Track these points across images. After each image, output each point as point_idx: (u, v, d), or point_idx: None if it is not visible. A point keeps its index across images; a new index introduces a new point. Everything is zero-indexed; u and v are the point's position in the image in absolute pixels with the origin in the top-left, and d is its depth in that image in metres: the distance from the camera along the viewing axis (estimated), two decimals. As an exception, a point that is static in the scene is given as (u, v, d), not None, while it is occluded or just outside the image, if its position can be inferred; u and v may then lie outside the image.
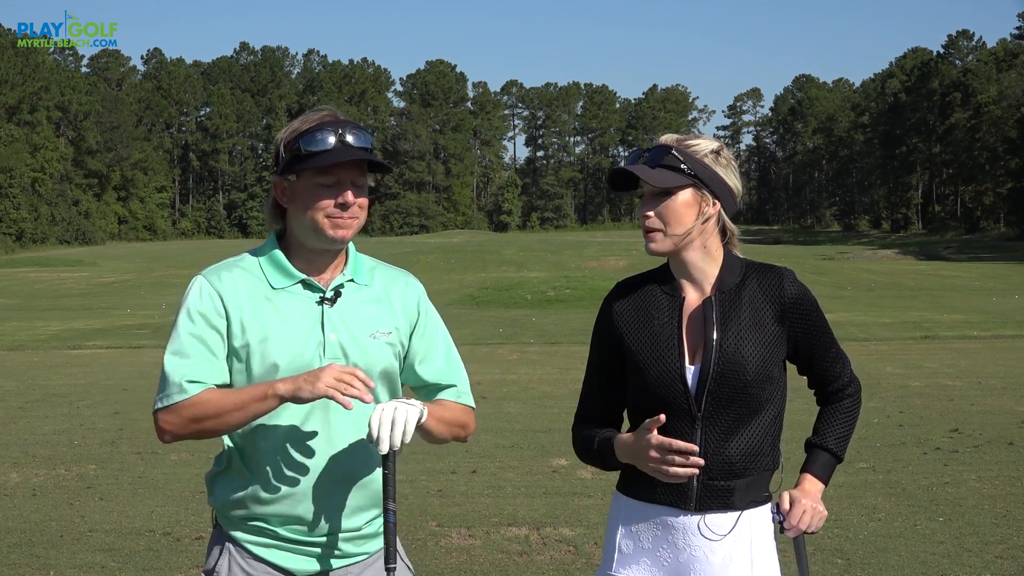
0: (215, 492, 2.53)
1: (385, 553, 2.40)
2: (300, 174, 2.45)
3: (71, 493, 7.56)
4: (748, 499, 2.54)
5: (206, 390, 2.40)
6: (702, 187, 2.53)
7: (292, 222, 2.52)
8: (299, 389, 2.32)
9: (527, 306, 31.24)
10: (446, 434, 2.56)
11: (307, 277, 2.51)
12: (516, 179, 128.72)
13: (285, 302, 2.48)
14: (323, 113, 2.51)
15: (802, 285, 2.59)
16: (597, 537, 6.16)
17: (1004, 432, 9.60)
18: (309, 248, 2.52)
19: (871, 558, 5.77)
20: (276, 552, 2.48)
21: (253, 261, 2.54)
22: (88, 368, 16.02)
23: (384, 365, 2.52)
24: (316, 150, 2.41)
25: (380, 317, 2.54)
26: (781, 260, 55.63)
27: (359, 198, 2.48)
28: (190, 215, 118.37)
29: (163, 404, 2.41)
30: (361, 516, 2.51)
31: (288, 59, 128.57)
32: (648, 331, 2.59)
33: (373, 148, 2.50)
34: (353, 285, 2.55)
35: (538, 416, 10.91)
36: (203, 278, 2.50)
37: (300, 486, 2.44)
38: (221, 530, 2.53)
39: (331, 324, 2.48)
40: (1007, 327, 22.22)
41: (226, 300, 2.45)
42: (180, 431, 2.41)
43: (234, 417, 2.37)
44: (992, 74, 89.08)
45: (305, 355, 2.44)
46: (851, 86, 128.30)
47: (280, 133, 2.52)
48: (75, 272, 54.74)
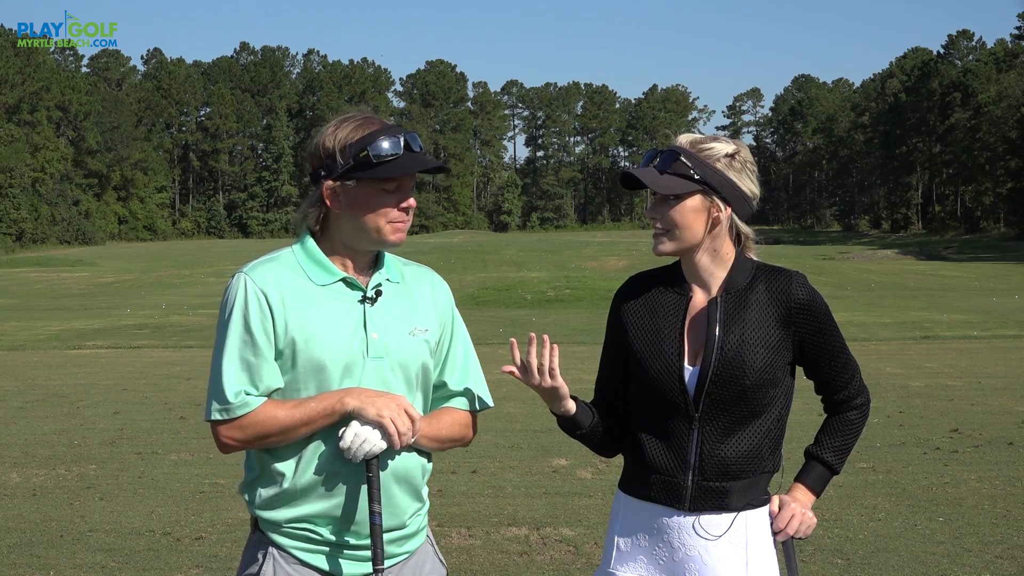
0: (255, 499, 2.49)
1: (373, 555, 2.39)
2: (361, 180, 2.44)
3: (71, 493, 7.55)
4: (745, 501, 2.53)
5: (267, 403, 2.40)
6: (711, 193, 2.52)
7: (341, 224, 2.51)
8: (364, 409, 2.36)
9: (527, 306, 31.24)
10: (437, 448, 2.58)
11: (348, 275, 2.52)
12: (516, 179, 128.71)
13: (327, 300, 2.48)
14: (367, 116, 2.51)
15: (812, 289, 2.57)
16: (597, 537, 6.16)
17: (1004, 432, 9.60)
18: (351, 248, 2.52)
19: (871, 558, 5.77)
20: (321, 557, 2.45)
21: (292, 258, 2.52)
22: (88, 368, 16.01)
23: (423, 361, 2.54)
24: (385, 157, 2.42)
25: (416, 314, 2.56)
26: (781, 260, 55.52)
27: (413, 200, 2.53)
28: (190, 215, 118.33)
29: (223, 417, 2.39)
30: (405, 513, 2.51)
31: (288, 59, 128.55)
32: (652, 328, 2.59)
33: (425, 151, 2.53)
34: (389, 284, 2.57)
35: (538, 416, 10.90)
36: (247, 276, 2.46)
37: (340, 486, 2.43)
38: (262, 535, 2.49)
39: (373, 323, 2.48)
40: (1007, 327, 22.22)
41: (270, 298, 2.43)
42: (243, 444, 2.42)
43: (300, 432, 2.39)
44: (992, 74, 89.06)
45: (349, 353, 2.44)
46: (851, 86, 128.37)
47: (327, 137, 2.48)
48: (75, 272, 54.71)
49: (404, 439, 2.38)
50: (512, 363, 2.55)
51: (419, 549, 2.59)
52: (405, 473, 2.49)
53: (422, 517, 2.59)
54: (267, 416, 2.38)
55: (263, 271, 2.47)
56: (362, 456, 2.36)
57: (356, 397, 2.38)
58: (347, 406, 2.37)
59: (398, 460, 2.47)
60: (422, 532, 2.61)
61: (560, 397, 2.57)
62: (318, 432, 2.41)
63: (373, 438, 2.36)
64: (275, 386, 2.42)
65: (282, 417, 2.38)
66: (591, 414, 2.65)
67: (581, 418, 2.63)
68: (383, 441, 2.37)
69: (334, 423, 2.39)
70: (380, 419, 2.35)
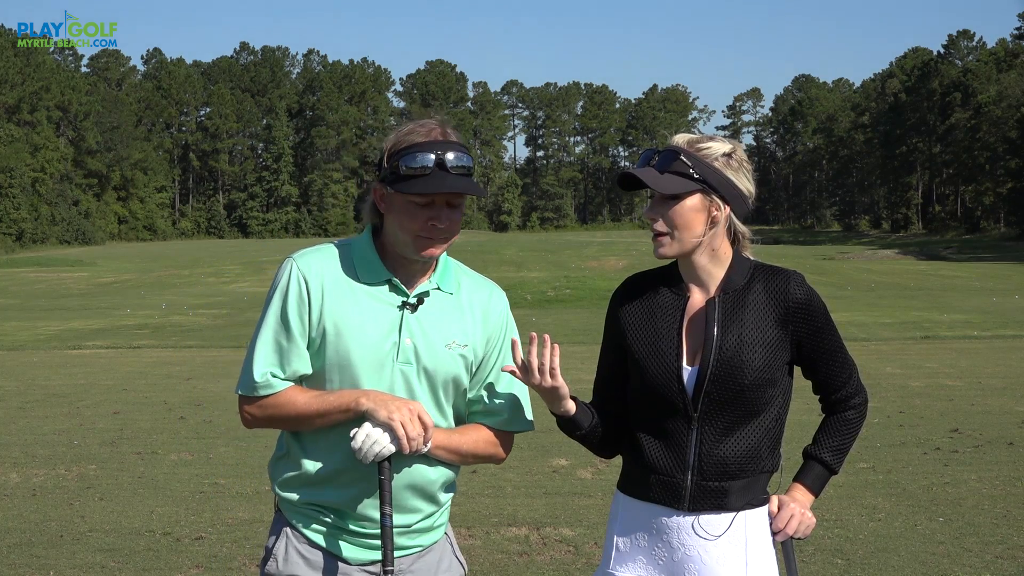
0: (276, 478, 2.58)
1: (383, 555, 2.41)
2: (397, 189, 2.45)
3: (71, 493, 7.55)
4: (744, 501, 2.53)
5: (291, 388, 2.48)
6: (711, 192, 2.52)
7: (387, 228, 2.54)
8: (377, 411, 2.39)
9: (527, 306, 31.22)
10: (459, 462, 2.60)
11: (394, 278, 2.52)
12: (516, 179, 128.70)
13: (368, 299, 2.50)
14: (431, 127, 2.50)
15: (810, 289, 2.57)
16: (597, 537, 6.15)
17: (1004, 432, 9.60)
18: (400, 254, 2.53)
19: (871, 558, 5.77)
20: (332, 540, 2.52)
21: (347, 252, 2.56)
22: (88, 368, 16.01)
23: (454, 375, 2.54)
24: (414, 172, 2.42)
25: (459, 328, 2.56)
26: (781, 260, 55.50)
27: (453, 217, 2.49)
28: (190, 215, 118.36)
29: (248, 393, 2.49)
30: (413, 515, 2.54)
31: (288, 59, 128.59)
32: (650, 329, 2.59)
33: (472, 169, 2.50)
34: (439, 293, 2.57)
35: (538, 416, 10.85)
36: (293, 262, 2.52)
37: (358, 478, 2.48)
38: (281, 515, 2.58)
39: (408, 329, 2.50)
40: (1007, 327, 22.21)
41: (311, 285, 2.48)
42: (261, 422, 2.52)
43: (315, 422, 2.47)
44: (992, 74, 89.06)
45: (379, 354, 2.47)
46: (851, 86, 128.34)
47: (390, 138, 2.52)
48: (75, 272, 54.69)
49: (414, 444, 2.40)
50: (513, 362, 2.56)
51: (436, 545, 2.63)
52: (421, 483, 2.52)
53: (436, 516, 2.61)
54: (287, 400, 2.47)
55: (310, 259, 2.52)
56: (372, 457, 2.39)
57: (371, 399, 2.41)
58: (362, 406, 2.41)
59: (415, 469, 2.50)
60: (438, 529, 2.64)
61: (560, 397, 2.57)
62: (339, 425, 2.45)
63: (383, 440, 2.38)
64: (303, 371, 2.49)
65: (300, 404, 2.46)
66: (591, 415, 2.66)
67: (581, 419, 2.64)
68: (392, 444, 2.39)
69: (349, 420, 2.43)
70: (391, 422, 2.38)
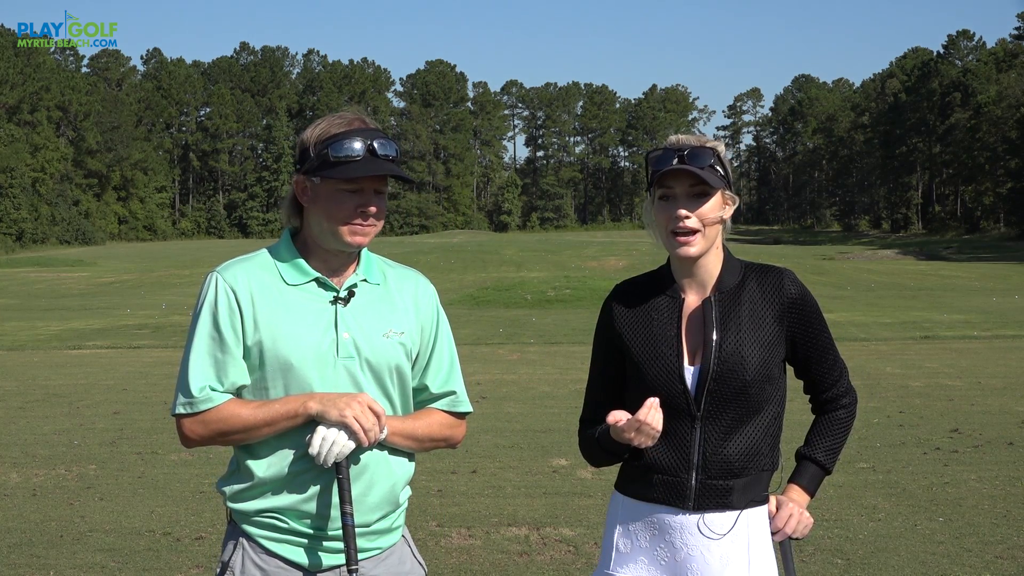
0: (228, 491, 2.54)
1: (346, 555, 2.40)
2: (324, 178, 2.46)
3: (71, 493, 7.55)
4: (747, 499, 2.54)
5: (231, 401, 2.43)
6: (726, 190, 2.57)
7: (310, 221, 2.54)
8: (327, 412, 2.38)
9: (527, 306, 31.24)
10: (416, 448, 2.59)
11: (321, 276, 2.52)
12: (516, 179, 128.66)
13: (299, 300, 2.50)
14: (351, 117, 2.52)
15: (803, 286, 2.60)
16: (597, 537, 6.15)
17: (1004, 432, 9.60)
18: (325, 248, 2.53)
19: (871, 558, 5.77)
20: (288, 547, 2.49)
21: (268, 258, 2.56)
22: (88, 368, 16.01)
23: (396, 363, 2.54)
24: (344, 159, 2.43)
25: (393, 316, 2.56)
26: (781, 260, 55.46)
27: (380, 204, 2.50)
28: (190, 215, 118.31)
29: (187, 411, 2.43)
30: (372, 513, 2.51)
31: (288, 59, 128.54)
32: (648, 332, 2.59)
33: (399, 157, 2.51)
34: (366, 285, 2.57)
35: (538, 416, 10.91)
36: (218, 275, 2.50)
37: (311, 482, 2.45)
38: (235, 526, 2.54)
39: (344, 323, 2.49)
40: (1007, 327, 22.22)
41: (240, 296, 2.46)
42: (205, 440, 2.46)
43: (262, 432, 2.43)
44: (992, 74, 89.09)
45: (319, 352, 2.46)
46: (851, 86, 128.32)
47: (307, 131, 2.52)
48: (75, 272, 54.71)
49: (371, 435, 2.39)
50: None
51: (395, 548, 2.59)
52: (378, 479, 2.50)
53: (394, 517, 2.59)
54: (230, 413, 2.42)
55: (235, 270, 2.51)
56: (332, 459, 2.38)
57: (318, 400, 2.40)
58: (310, 410, 2.39)
59: (372, 465, 2.48)
60: (396, 531, 2.60)
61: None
62: (287, 431, 2.43)
63: (340, 439, 2.37)
64: (241, 383, 2.46)
65: (245, 416, 2.41)
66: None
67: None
68: (351, 441, 2.38)
69: (297, 426, 2.41)
70: (343, 419, 2.37)
